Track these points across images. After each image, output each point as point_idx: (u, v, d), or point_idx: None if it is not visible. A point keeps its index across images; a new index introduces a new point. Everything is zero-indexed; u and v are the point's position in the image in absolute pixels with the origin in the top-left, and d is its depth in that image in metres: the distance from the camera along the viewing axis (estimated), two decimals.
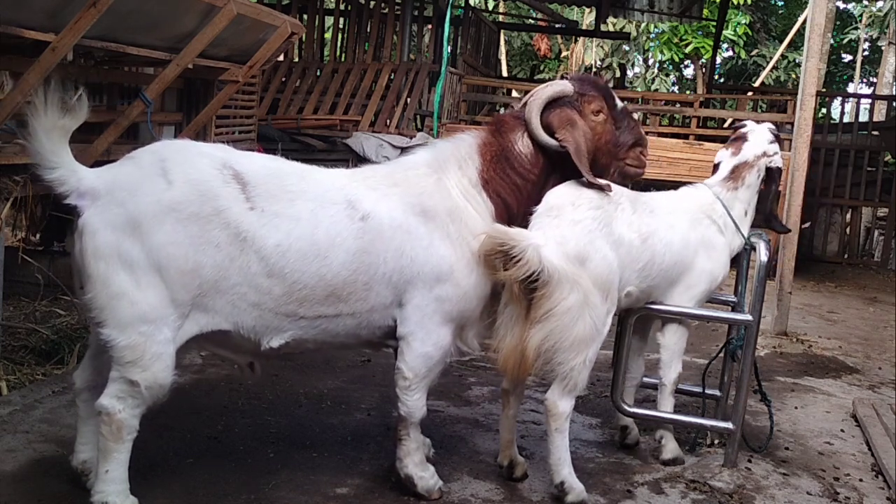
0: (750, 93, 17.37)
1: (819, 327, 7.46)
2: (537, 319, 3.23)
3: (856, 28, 25.04)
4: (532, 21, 19.06)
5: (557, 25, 18.67)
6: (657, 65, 26.13)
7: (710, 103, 12.15)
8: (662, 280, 3.67)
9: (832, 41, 21.92)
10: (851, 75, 27.04)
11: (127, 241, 2.79)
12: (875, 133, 11.92)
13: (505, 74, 20.11)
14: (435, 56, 11.49)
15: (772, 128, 4.05)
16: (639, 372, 4.07)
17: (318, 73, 11.25)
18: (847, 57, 27.44)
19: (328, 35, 13.53)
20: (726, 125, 12.36)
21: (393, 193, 3.20)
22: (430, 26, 12.60)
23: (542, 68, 25.90)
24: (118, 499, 2.87)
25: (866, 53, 25.97)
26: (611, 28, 22.28)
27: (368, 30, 11.71)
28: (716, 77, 19.04)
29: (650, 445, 4.03)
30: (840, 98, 13.22)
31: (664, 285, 3.71)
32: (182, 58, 4.95)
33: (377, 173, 3.31)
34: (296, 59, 11.54)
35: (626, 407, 3.94)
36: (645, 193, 3.75)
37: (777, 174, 3.98)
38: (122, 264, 2.78)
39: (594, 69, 24.89)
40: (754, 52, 24.12)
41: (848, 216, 11.54)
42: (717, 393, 4.24)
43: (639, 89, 23.75)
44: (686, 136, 10.20)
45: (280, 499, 3.24)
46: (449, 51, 10.06)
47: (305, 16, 11.74)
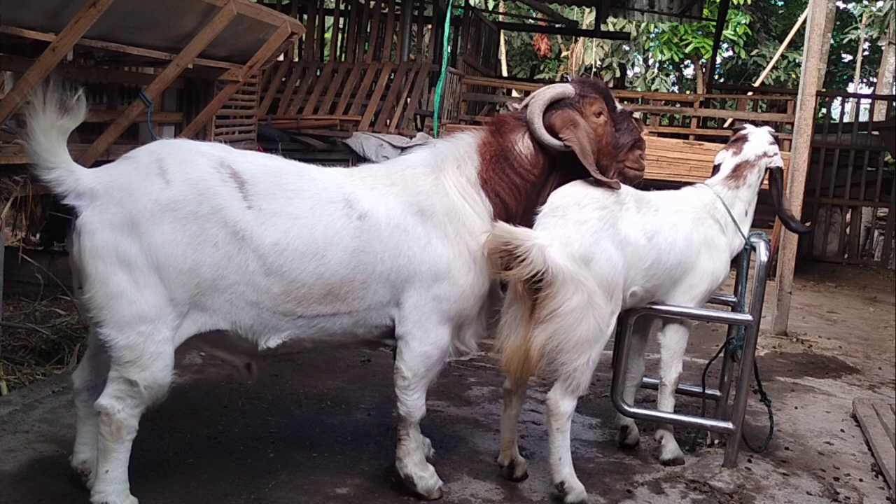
0: (750, 93, 17.37)
1: (819, 327, 7.46)
2: (541, 320, 3.23)
3: (856, 28, 25.07)
4: (532, 21, 19.06)
5: (557, 25, 18.67)
6: (657, 65, 26.15)
7: (710, 103, 12.14)
8: (666, 279, 3.68)
9: (832, 41, 21.92)
10: (851, 75, 27.06)
11: (125, 241, 2.78)
12: (875, 133, 11.90)
13: (505, 74, 20.11)
14: (435, 56, 11.49)
15: (771, 130, 4.08)
16: (639, 372, 4.07)
17: (318, 73, 11.24)
18: (847, 57, 27.47)
19: (328, 35, 13.54)
20: (726, 125, 12.36)
21: (390, 193, 3.19)
22: (430, 26, 12.60)
23: (542, 68, 25.91)
24: (118, 499, 2.87)
25: (866, 53, 26.00)
26: (611, 28, 22.29)
27: (368, 30, 11.71)
28: (716, 77, 19.06)
29: (650, 445, 4.03)
30: (840, 98, 13.19)
31: (667, 285, 3.71)
32: (182, 58, 4.95)
33: (375, 172, 3.31)
34: (296, 59, 11.54)
35: (626, 407, 3.94)
36: (648, 193, 3.75)
37: (779, 174, 4.00)
38: (121, 264, 2.78)
39: (594, 69, 24.91)
40: (754, 52, 24.13)
41: (848, 216, 11.53)
42: (717, 393, 4.24)
43: (639, 89, 23.77)
44: (686, 136, 10.18)
45: (280, 499, 3.24)
46: (449, 51, 10.05)
47: (305, 16, 11.74)
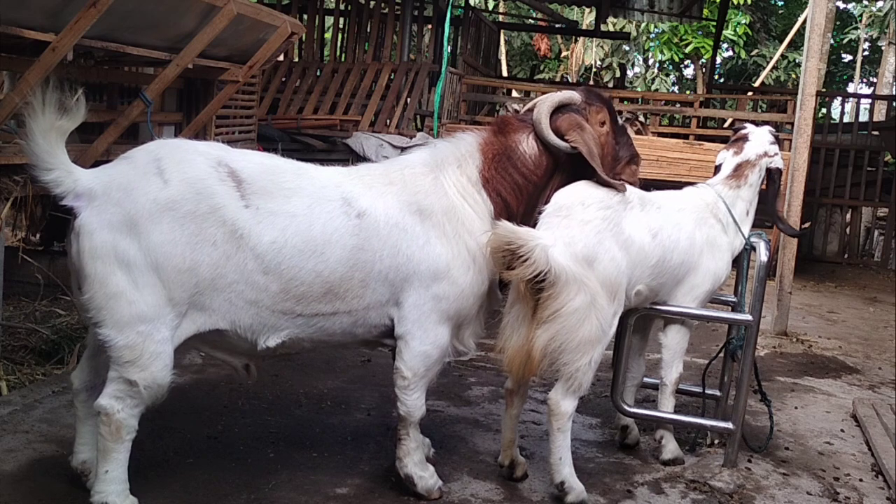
0: (750, 93, 17.36)
1: (819, 327, 7.46)
2: (544, 320, 3.23)
3: (856, 28, 25.06)
4: (532, 21, 19.06)
5: (557, 25, 18.68)
6: (657, 65, 26.15)
7: (710, 103, 12.14)
8: (670, 278, 3.68)
9: (832, 41, 21.91)
10: (851, 75, 27.06)
11: (124, 241, 2.79)
12: (875, 133, 11.90)
13: (505, 74, 20.10)
14: (435, 56, 11.48)
15: (772, 130, 4.07)
16: (640, 372, 4.07)
17: (318, 73, 11.24)
18: (847, 57, 27.46)
19: (328, 35, 13.54)
20: (726, 125, 12.35)
21: (389, 192, 3.20)
22: (430, 26, 12.59)
23: (542, 68, 25.90)
24: (118, 499, 2.87)
25: (866, 53, 25.99)
26: (611, 28, 22.29)
27: (368, 30, 11.71)
28: (716, 77, 19.06)
29: (650, 445, 4.03)
30: (840, 98, 13.19)
31: (671, 284, 3.71)
32: (182, 58, 4.95)
33: (373, 172, 3.31)
34: (296, 59, 11.53)
35: (626, 407, 3.94)
36: (651, 193, 3.75)
37: (777, 175, 4.00)
38: (120, 264, 2.78)
39: (594, 69, 24.91)
40: (754, 52, 24.13)
41: (848, 216, 11.53)
42: (717, 393, 4.24)
43: (639, 89, 23.76)
44: (686, 136, 10.18)
45: (280, 499, 3.24)
46: (449, 51, 10.05)
47: (305, 16, 11.74)
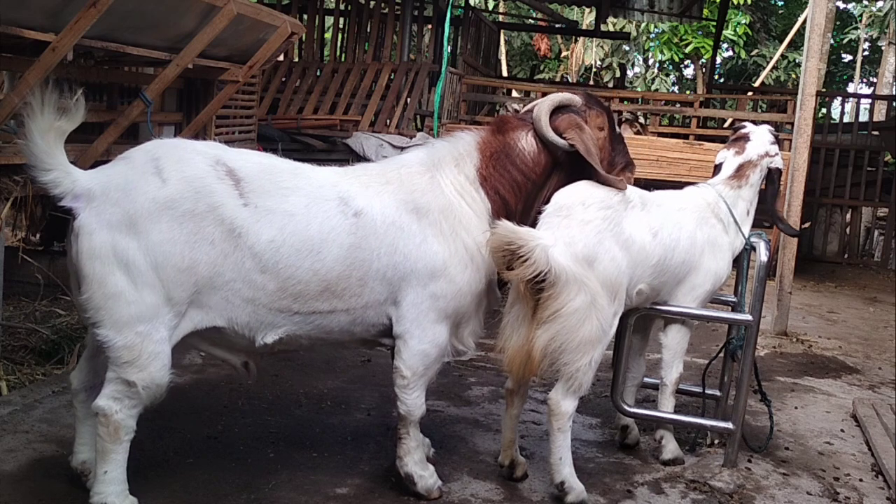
0: (750, 93, 17.36)
1: (819, 327, 7.46)
2: (544, 320, 3.23)
3: (856, 28, 25.06)
4: (532, 21, 19.06)
5: (557, 25, 18.67)
6: (657, 65, 26.15)
7: (710, 103, 12.13)
8: (671, 278, 3.67)
9: (832, 41, 21.91)
10: (851, 75, 27.06)
11: (123, 241, 2.79)
12: (875, 133, 11.90)
13: (505, 74, 20.10)
14: (435, 56, 11.48)
15: (771, 129, 4.07)
16: (640, 372, 4.07)
17: (318, 73, 11.24)
18: (847, 57, 27.46)
19: (328, 35, 13.53)
20: (726, 125, 12.35)
21: (385, 191, 3.21)
22: (430, 26, 12.59)
23: (542, 68, 25.90)
24: (117, 499, 2.88)
25: (866, 53, 25.99)
26: (611, 28, 22.29)
27: (368, 30, 11.71)
28: (716, 77, 19.05)
29: (650, 445, 4.03)
30: (840, 98, 13.19)
31: (672, 284, 3.71)
32: (182, 58, 4.95)
33: (370, 171, 3.33)
34: (296, 59, 11.53)
35: (626, 407, 3.94)
36: (652, 192, 3.75)
37: (777, 175, 4.00)
38: (119, 264, 2.78)
39: (594, 69, 24.91)
40: (754, 52, 24.13)
41: (848, 216, 11.53)
42: (717, 393, 4.24)
43: (639, 89, 23.75)
44: (686, 136, 10.18)
45: (280, 499, 3.24)
46: (449, 51, 10.05)
47: (305, 16, 11.74)
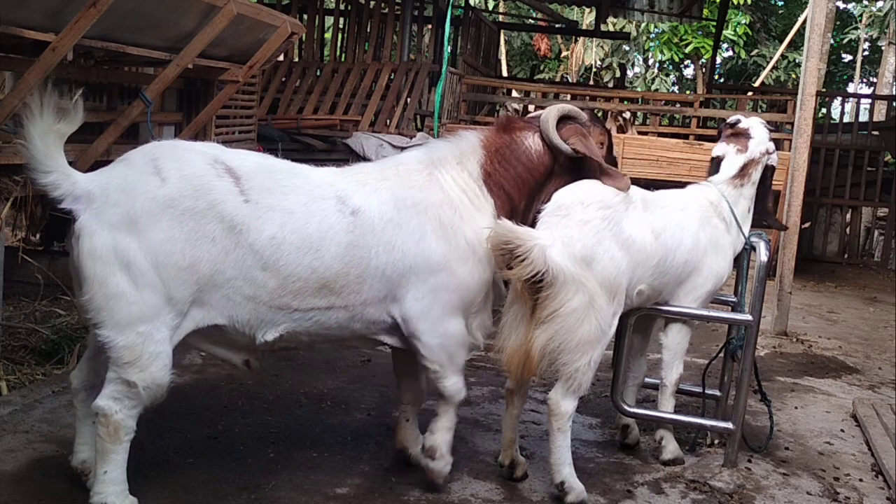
0: (750, 93, 17.36)
1: (819, 327, 7.46)
2: (542, 320, 3.23)
3: (856, 28, 25.05)
4: (532, 21, 19.06)
5: (557, 25, 18.67)
6: (657, 65, 26.14)
7: (710, 103, 12.13)
8: (673, 278, 3.67)
9: (832, 41, 21.91)
10: (851, 75, 27.05)
11: (123, 241, 2.79)
12: (875, 133, 11.90)
13: (505, 74, 20.10)
14: (435, 56, 11.48)
15: (764, 122, 4.05)
16: (641, 371, 4.07)
17: (318, 73, 11.23)
18: (847, 57, 27.45)
19: (328, 35, 13.53)
20: None
21: (383, 188, 3.23)
22: (430, 26, 12.59)
23: (542, 68, 25.90)
24: (117, 499, 2.88)
25: (866, 53, 25.98)
26: (611, 28, 22.28)
27: (368, 30, 11.71)
28: (716, 77, 19.04)
29: (650, 445, 4.03)
30: (840, 98, 13.20)
31: (673, 284, 3.70)
32: (182, 58, 4.95)
33: (367, 169, 3.36)
34: (296, 59, 11.52)
35: (626, 407, 3.94)
36: (654, 192, 3.75)
37: (771, 172, 3.99)
38: (120, 264, 2.78)
39: (594, 69, 24.90)
40: (754, 52, 24.12)
41: (848, 216, 11.53)
42: (717, 393, 4.24)
43: (639, 89, 23.75)
44: (686, 136, 10.19)
45: (280, 499, 3.24)
46: (449, 51, 10.04)
47: (305, 16, 11.73)
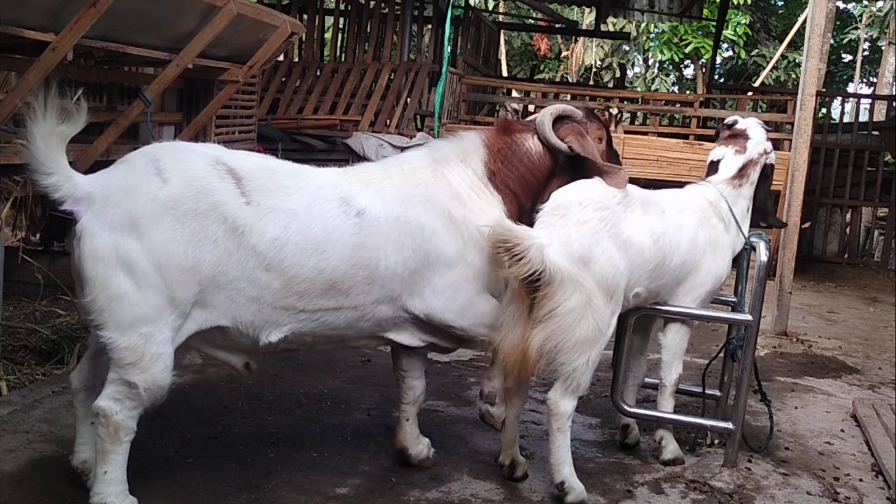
0: (750, 93, 17.35)
1: (819, 327, 7.46)
2: (540, 319, 3.23)
3: (856, 28, 25.05)
4: (532, 21, 19.06)
5: (557, 25, 18.67)
6: (657, 65, 26.14)
7: (710, 103, 12.13)
8: (670, 280, 3.67)
9: (832, 41, 21.91)
10: (851, 75, 27.05)
11: (125, 242, 2.79)
12: (875, 133, 11.90)
13: (505, 74, 20.10)
14: (435, 56, 11.48)
15: (760, 122, 4.05)
16: (641, 371, 4.07)
17: (318, 73, 11.24)
18: (847, 57, 27.45)
19: (328, 35, 13.53)
20: None
21: (388, 187, 3.22)
22: (430, 26, 12.59)
23: (542, 68, 25.90)
24: (117, 499, 2.88)
25: (866, 53, 25.98)
26: (611, 28, 22.28)
27: (368, 30, 11.71)
28: (716, 77, 19.04)
29: (650, 445, 4.03)
30: (840, 98, 13.20)
31: (671, 285, 3.70)
32: (182, 58, 4.95)
33: (370, 169, 3.36)
34: (296, 59, 11.53)
35: (626, 407, 3.93)
36: (653, 193, 3.74)
37: (770, 170, 4.00)
38: (122, 265, 2.78)
39: (594, 69, 24.90)
40: (754, 52, 24.12)
41: (848, 216, 11.53)
42: (717, 393, 4.24)
43: (639, 89, 23.75)
44: (686, 136, 10.19)
45: (280, 499, 3.24)
46: (449, 51, 10.05)
47: (305, 16, 11.74)
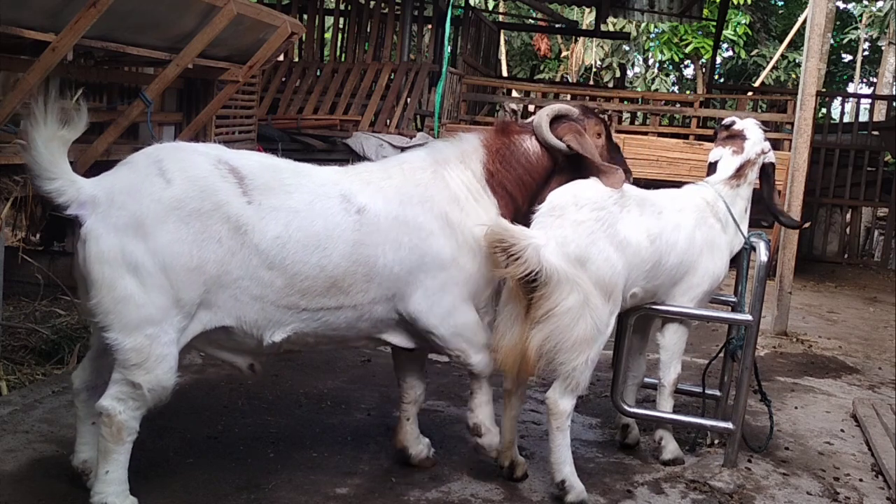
0: (750, 93, 17.36)
1: (819, 327, 7.46)
2: (537, 319, 3.24)
3: (856, 28, 25.05)
4: (532, 21, 19.06)
5: (557, 25, 18.68)
6: (657, 65, 26.14)
7: (710, 103, 12.12)
8: (667, 280, 3.67)
9: (832, 41, 21.90)
10: (851, 75, 27.04)
11: (131, 243, 2.79)
12: (875, 133, 11.90)
13: (505, 74, 20.10)
14: (435, 56, 11.48)
15: (757, 123, 4.06)
16: (640, 371, 4.07)
17: (318, 73, 11.24)
18: (847, 57, 27.44)
19: (328, 35, 13.53)
20: None
21: (388, 186, 3.24)
22: (430, 26, 12.59)
23: (542, 68, 25.90)
24: (118, 499, 2.88)
25: (866, 53, 25.97)
26: (611, 28, 22.28)
27: (368, 30, 11.71)
28: (716, 77, 19.04)
29: (650, 445, 4.03)
30: (840, 98, 13.20)
31: (668, 285, 3.71)
32: (182, 58, 4.95)
33: (371, 168, 3.38)
34: (296, 59, 11.53)
35: (626, 407, 3.94)
36: (650, 193, 3.74)
37: (771, 169, 4.00)
38: (127, 267, 2.79)
39: (594, 69, 24.90)
40: (754, 52, 24.12)
41: (848, 216, 11.53)
42: (717, 393, 4.24)
43: (639, 89, 23.75)
44: (686, 136, 10.18)
45: (280, 499, 3.24)
46: (449, 51, 10.05)
47: (305, 16, 11.74)
